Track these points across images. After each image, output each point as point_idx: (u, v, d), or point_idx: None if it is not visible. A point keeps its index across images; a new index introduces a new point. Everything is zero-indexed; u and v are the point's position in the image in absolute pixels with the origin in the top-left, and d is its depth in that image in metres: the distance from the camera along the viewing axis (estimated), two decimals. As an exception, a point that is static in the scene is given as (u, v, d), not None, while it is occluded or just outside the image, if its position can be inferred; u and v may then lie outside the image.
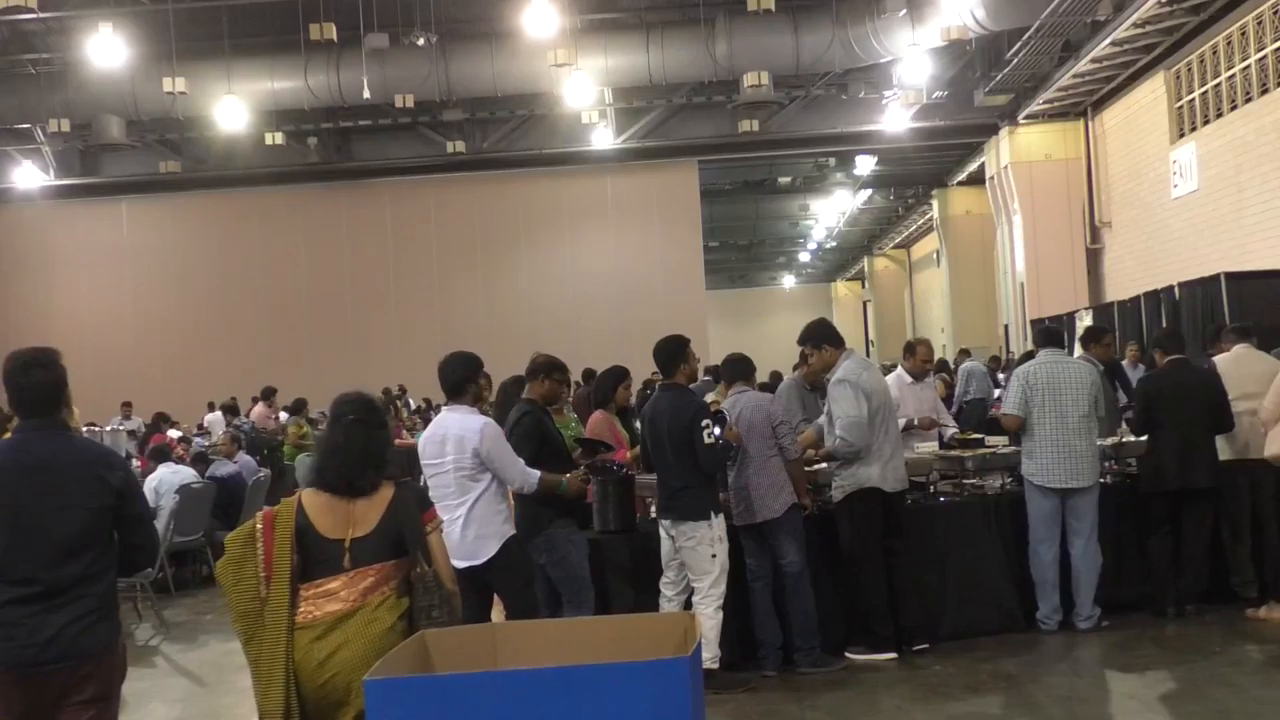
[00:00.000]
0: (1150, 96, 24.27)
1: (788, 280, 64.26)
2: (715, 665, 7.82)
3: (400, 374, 26.61)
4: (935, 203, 38.45)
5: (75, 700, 4.80)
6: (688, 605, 8.02)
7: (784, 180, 39.85)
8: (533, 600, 7.47)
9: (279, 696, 4.77)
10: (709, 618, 7.82)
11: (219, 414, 23.61)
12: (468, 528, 7.19)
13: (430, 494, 6.62)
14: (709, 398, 10.38)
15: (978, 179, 33.22)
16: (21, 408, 5.00)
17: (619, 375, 9.95)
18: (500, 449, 7.24)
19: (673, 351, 8.34)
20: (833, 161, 36.31)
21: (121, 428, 23.33)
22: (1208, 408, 9.28)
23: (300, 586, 4.89)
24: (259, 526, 4.96)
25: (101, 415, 23.78)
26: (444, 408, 7.54)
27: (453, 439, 7.22)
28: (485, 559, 7.20)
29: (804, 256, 56.46)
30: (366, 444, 5.08)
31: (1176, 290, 18.99)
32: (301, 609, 4.87)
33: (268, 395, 23.72)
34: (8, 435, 5.24)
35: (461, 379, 7.32)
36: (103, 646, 4.87)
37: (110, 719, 4.96)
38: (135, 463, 17.37)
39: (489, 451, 7.17)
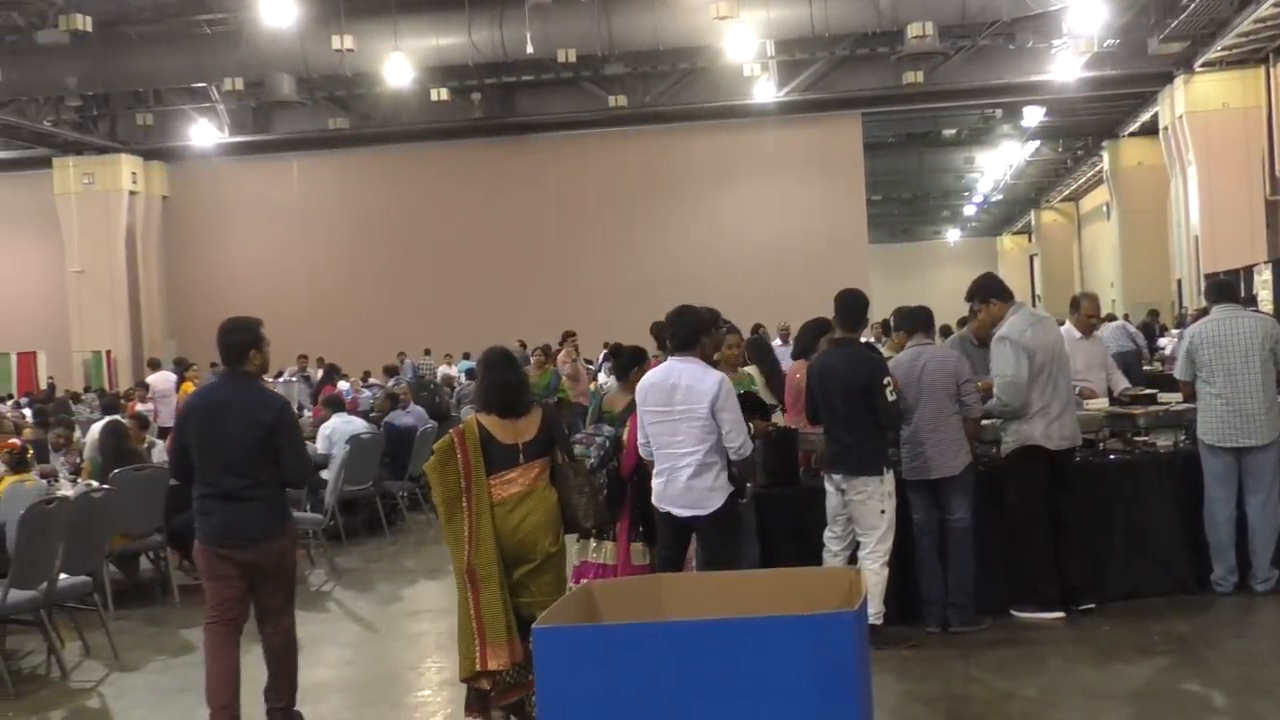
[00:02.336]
0: (1336, 41, 23.35)
1: (952, 234, 63.29)
2: (879, 621, 7.77)
3: (560, 325, 26.76)
4: (1106, 154, 37.54)
5: (261, 569, 6.72)
6: (851, 560, 7.99)
7: (949, 133, 39.20)
8: (734, 558, 7.46)
9: (490, 552, 6.45)
10: (875, 573, 7.77)
11: (409, 362, 24.33)
12: (697, 478, 7.25)
13: (649, 438, 7.34)
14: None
15: (1151, 130, 32.30)
16: (223, 357, 6.89)
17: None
18: (733, 406, 7.26)
19: (859, 306, 8.28)
20: (999, 113, 35.59)
21: (294, 379, 23.96)
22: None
23: (490, 478, 6.56)
24: (454, 440, 6.60)
25: (275, 366, 24.40)
26: (671, 359, 7.54)
27: (684, 388, 7.26)
28: (710, 511, 7.27)
29: (969, 210, 55.55)
30: (516, 381, 6.88)
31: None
32: (494, 491, 6.55)
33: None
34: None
35: (691, 332, 7.44)
36: (271, 531, 6.76)
37: (287, 582, 6.92)
38: (308, 412, 17.87)
39: (722, 407, 7.21)
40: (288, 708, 6.90)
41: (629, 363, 8.58)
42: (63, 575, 8.63)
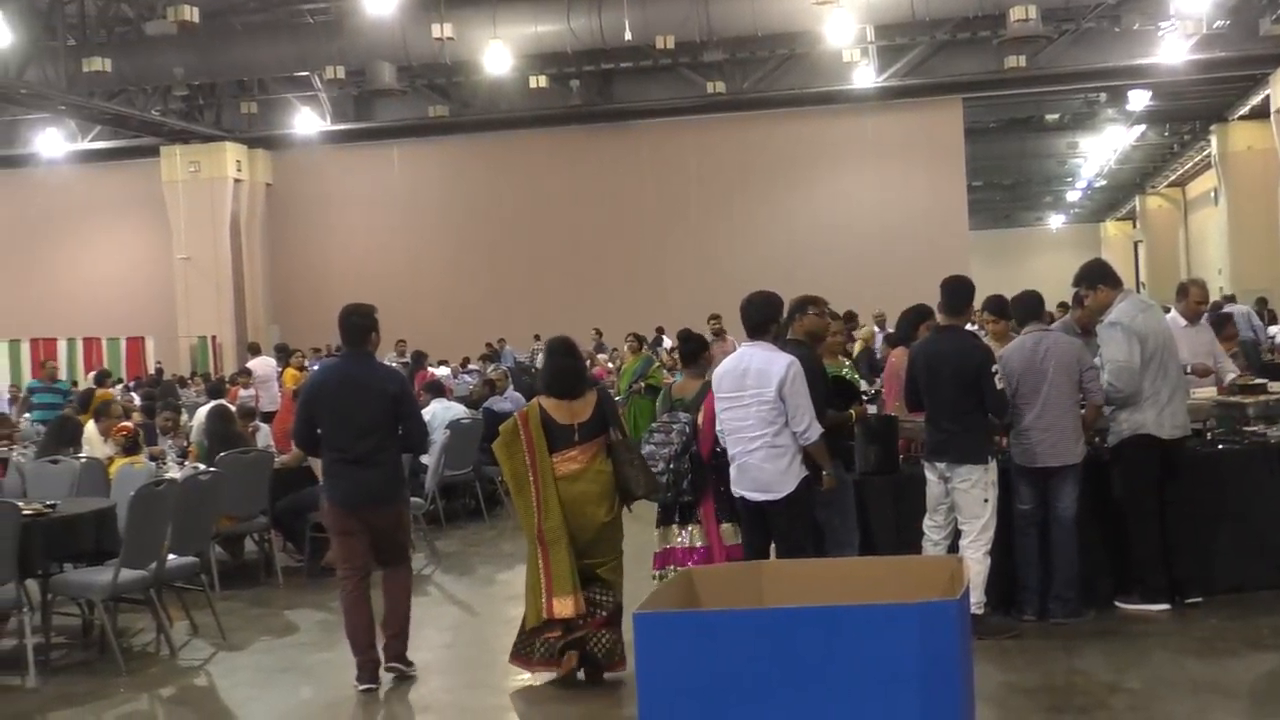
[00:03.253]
0: None
1: (1054, 220, 62.38)
2: (980, 610, 7.70)
3: (658, 312, 26.85)
4: (1214, 138, 36.77)
5: (381, 527, 7.64)
6: (951, 549, 7.92)
7: (1052, 117, 38.61)
8: (808, 543, 7.48)
9: (557, 518, 7.30)
10: (977, 562, 7.70)
11: (508, 348, 24.62)
12: (769, 462, 7.33)
13: (725, 426, 7.55)
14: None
15: (1261, 113, 31.58)
16: (345, 339, 7.85)
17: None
18: (799, 390, 7.30)
19: (965, 293, 8.21)
20: (1103, 97, 34.97)
21: (394, 364, 24.18)
22: None
23: (552, 456, 7.38)
24: (518, 422, 7.50)
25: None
26: (744, 344, 7.67)
27: (754, 373, 7.35)
28: (782, 494, 7.33)
29: (1072, 195, 54.74)
30: (575, 367, 7.75)
31: None
32: (555, 468, 7.36)
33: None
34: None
35: (764, 318, 7.56)
36: (392, 494, 7.77)
37: (403, 541, 8.01)
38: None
39: (789, 390, 7.25)
40: (403, 651, 7.80)
41: (696, 349, 8.81)
42: (171, 556, 8.79)
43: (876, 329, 19.69)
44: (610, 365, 22.91)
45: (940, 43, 29.10)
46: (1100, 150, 42.42)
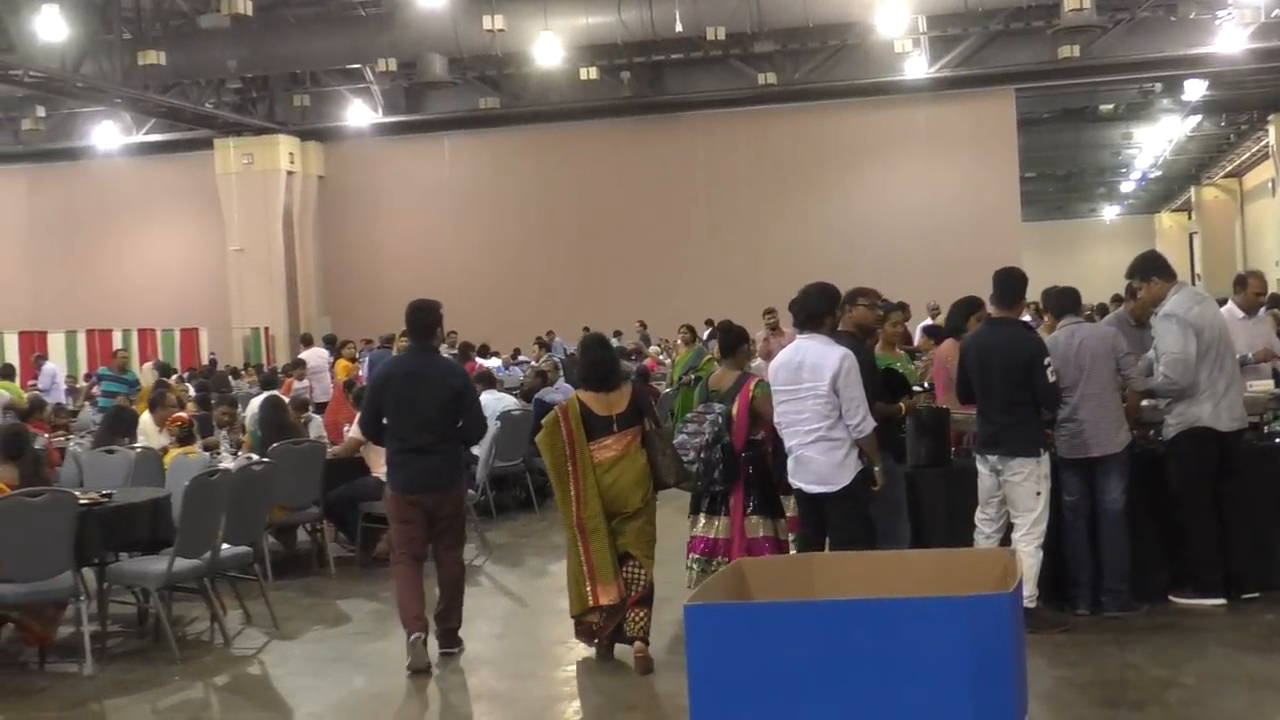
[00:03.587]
0: None
1: (1108, 211, 61.81)
2: (1032, 604, 7.65)
3: (708, 304, 26.78)
4: (1271, 128, 36.39)
5: (440, 514, 8.03)
6: (1003, 542, 7.88)
7: (1106, 108, 38.21)
8: (861, 536, 7.44)
9: (596, 506, 7.64)
10: (1029, 555, 7.64)
11: (559, 340, 24.79)
12: (824, 454, 7.36)
13: (781, 419, 7.59)
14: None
15: (1320, 102, 31.22)
16: (411, 333, 8.28)
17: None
18: (853, 383, 7.31)
19: (1017, 284, 8.17)
20: (1159, 87, 34.56)
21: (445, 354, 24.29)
22: None
23: (590, 445, 7.68)
24: (559, 415, 7.78)
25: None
26: (800, 336, 7.69)
27: (809, 366, 7.38)
28: (839, 486, 7.35)
29: (1126, 187, 54.21)
30: (608, 360, 8.03)
31: None
32: (593, 455, 7.67)
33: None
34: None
35: (819, 310, 7.58)
36: (451, 481, 8.12)
37: (459, 528, 8.32)
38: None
39: (843, 383, 7.26)
40: (455, 629, 8.18)
41: (735, 341, 8.83)
42: (225, 545, 8.86)
43: (929, 320, 19.59)
44: (664, 358, 22.89)
45: (993, 33, 28.87)
46: (1155, 141, 42.00)
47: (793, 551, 7.97)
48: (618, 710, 7.19)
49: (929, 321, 18.16)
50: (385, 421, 8.11)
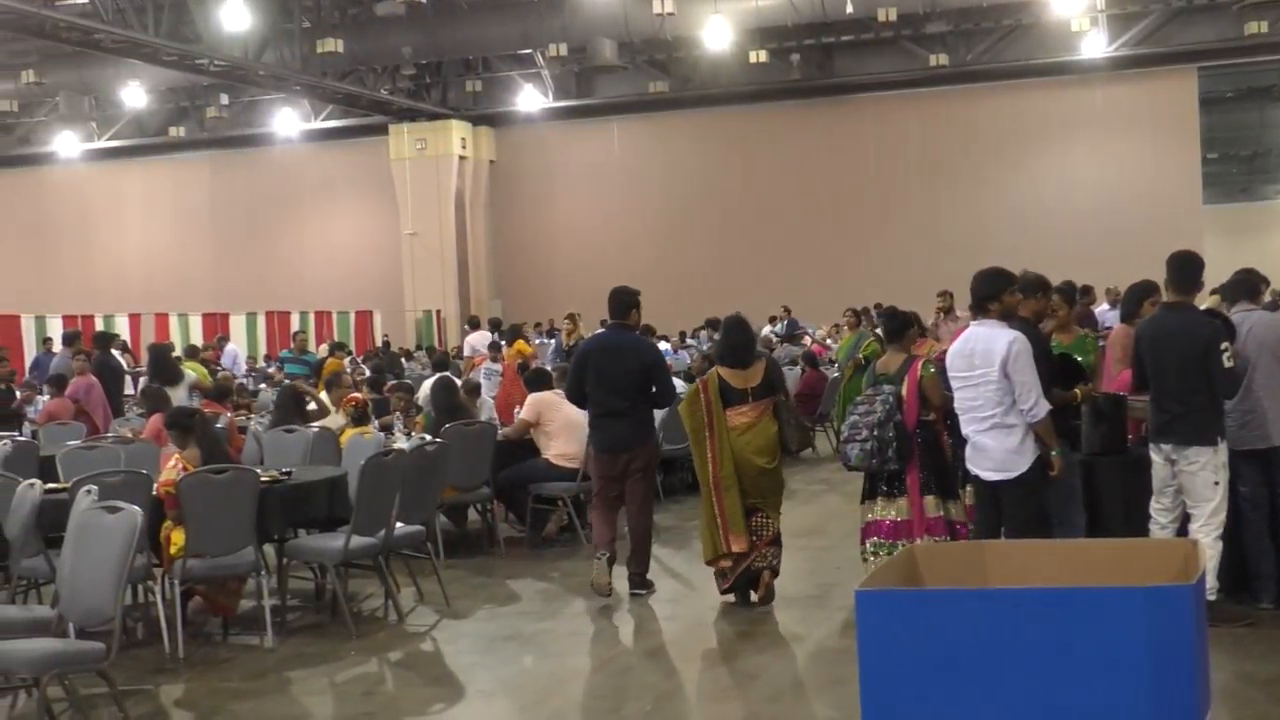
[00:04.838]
0: None
1: (1295, 194, 59.66)
2: (1213, 596, 7.41)
3: (878, 287, 26.51)
4: None
5: (634, 469, 9.22)
6: (1180, 533, 7.66)
7: (1294, 85, 36.93)
8: (1037, 525, 7.31)
9: (729, 466, 8.68)
10: (1209, 546, 7.41)
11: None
12: (1000, 440, 7.26)
13: (959, 406, 7.51)
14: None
15: None
16: (611, 312, 9.44)
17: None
18: (1024, 366, 7.18)
19: (1192, 268, 7.92)
20: (1352, 62, 33.33)
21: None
22: None
23: (726, 411, 8.71)
24: (700, 387, 8.91)
25: (589, 324, 24.97)
26: (973, 323, 7.59)
27: (980, 353, 7.29)
28: (1017, 474, 7.25)
29: (1315, 168, 52.29)
30: (746, 340, 9.10)
31: None
32: (729, 420, 8.69)
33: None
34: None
35: (988, 294, 7.45)
36: (642, 441, 9.31)
37: (650, 481, 9.59)
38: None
39: (1014, 366, 7.16)
40: (643, 573, 9.28)
41: (900, 326, 8.99)
42: (399, 524, 9.04)
43: (1108, 305, 19.15)
44: (830, 343, 22.70)
45: (1175, 9, 28.09)
46: (1348, 119, 40.43)
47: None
48: (789, 694, 7.17)
49: (1105, 307, 17.74)
50: (587, 390, 9.27)
